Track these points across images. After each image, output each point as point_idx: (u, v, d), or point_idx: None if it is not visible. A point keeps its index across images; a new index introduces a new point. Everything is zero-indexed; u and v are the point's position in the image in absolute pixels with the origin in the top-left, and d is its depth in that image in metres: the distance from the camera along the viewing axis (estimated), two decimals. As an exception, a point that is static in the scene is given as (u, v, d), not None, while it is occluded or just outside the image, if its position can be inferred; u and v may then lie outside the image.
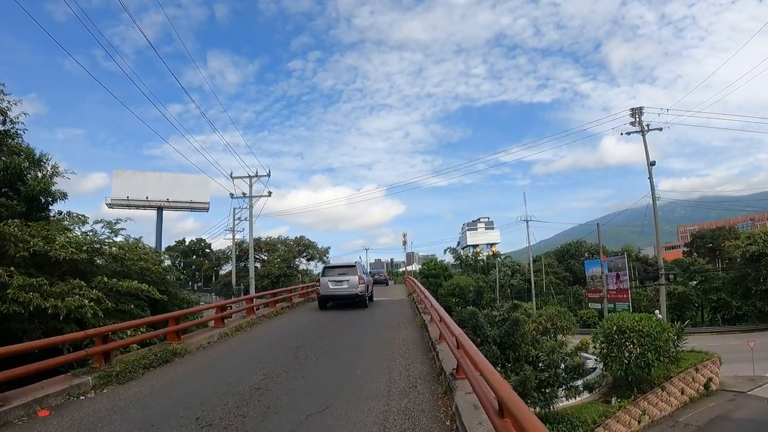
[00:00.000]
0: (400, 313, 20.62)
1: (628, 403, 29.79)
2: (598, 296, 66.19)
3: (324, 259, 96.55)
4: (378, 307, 24.53)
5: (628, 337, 31.32)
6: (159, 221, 76.42)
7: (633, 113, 44.85)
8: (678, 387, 34.39)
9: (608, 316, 34.79)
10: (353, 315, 20.82)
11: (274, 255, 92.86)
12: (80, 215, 20.19)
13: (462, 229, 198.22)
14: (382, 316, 20.19)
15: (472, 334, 19.03)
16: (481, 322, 19.02)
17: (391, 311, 21.72)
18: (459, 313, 20.18)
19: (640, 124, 44.41)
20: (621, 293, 61.56)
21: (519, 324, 19.88)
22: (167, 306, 21.13)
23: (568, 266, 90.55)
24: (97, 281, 15.86)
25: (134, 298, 17.74)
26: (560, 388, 22.70)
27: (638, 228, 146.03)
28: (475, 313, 18.70)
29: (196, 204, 75.93)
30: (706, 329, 60.96)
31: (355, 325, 17.78)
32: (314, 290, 27.88)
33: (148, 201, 74.99)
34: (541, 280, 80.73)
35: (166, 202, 75.58)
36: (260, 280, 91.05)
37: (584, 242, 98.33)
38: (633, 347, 30.84)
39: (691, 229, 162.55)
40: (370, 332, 15.82)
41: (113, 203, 75.55)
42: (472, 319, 18.87)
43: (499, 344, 20.04)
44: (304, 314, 22.61)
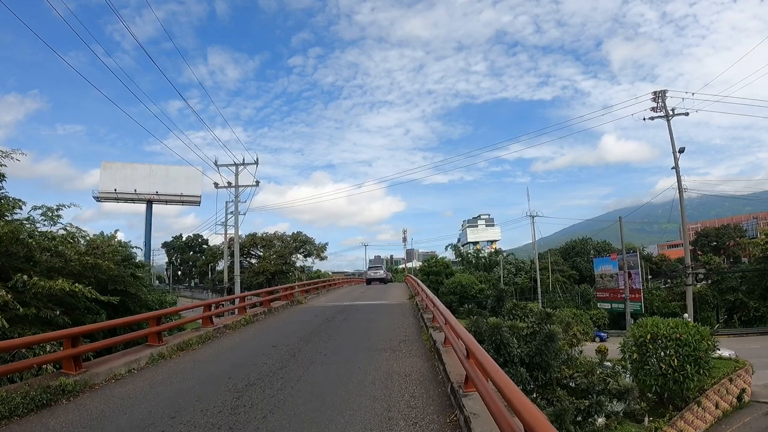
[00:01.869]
0: (399, 324, 15.71)
1: (664, 423, 25.00)
2: (608, 295, 62.14)
3: (321, 256, 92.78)
4: (373, 313, 19.61)
5: (664, 346, 26.85)
6: (148, 215, 71.96)
7: (655, 97, 39.94)
8: (712, 401, 29.61)
9: (639, 320, 29.72)
10: (340, 327, 15.90)
11: (270, 251, 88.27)
12: (15, 199, 15.69)
13: (462, 226, 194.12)
14: (377, 329, 15.23)
15: (494, 352, 14.28)
16: (506, 337, 14.21)
17: (388, 321, 16.77)
18: (474, 323, 15.30)
19: (664, 108, 39.52)
20: (633, 292, 57.59)
21: (554, 340, 15.06)
22: (135, 309, 18.62)
23: (574, 264, 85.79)
24: (15, 280, 12.37)
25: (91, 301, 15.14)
26: (601, 416, 17.97)
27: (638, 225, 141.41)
28: (497, 327, 13.85)
29: (187, 197, 71.29)
30: (724, 332, 55.97)
31: (341, 346, 12.79)
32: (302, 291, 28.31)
33: (136, 194, 70.54)
34: (547, 279, 75.86)
35: (156, 195, 71.03)
36: (255, 276, 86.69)
37: (590, 239, 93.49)
38: (670, 358, 26.37)
39: (694, 227, 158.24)
40: (357, 359, 10.84)
41: (101, 196, 71.14)
42: (494, 334, 14.06)
43: (527, 364, 15.31)
44: (277, 324, 17.70)
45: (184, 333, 14.76)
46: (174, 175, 70.12)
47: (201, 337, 14.30)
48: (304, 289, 28.57)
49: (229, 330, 16.10)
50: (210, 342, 14.14)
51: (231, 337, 14.84)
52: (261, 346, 12.87)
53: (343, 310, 20.73)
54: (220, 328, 15.79)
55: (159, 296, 33.70)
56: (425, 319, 15.06)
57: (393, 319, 17.22)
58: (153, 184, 71.43)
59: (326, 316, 18.40)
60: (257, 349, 12.51)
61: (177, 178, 69.82)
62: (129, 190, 70.45)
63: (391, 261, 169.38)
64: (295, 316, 19.44)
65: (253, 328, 16.60)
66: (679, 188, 38.58)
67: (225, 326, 16.18)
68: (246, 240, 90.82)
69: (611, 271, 62.60)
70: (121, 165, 74.63)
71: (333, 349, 11.97)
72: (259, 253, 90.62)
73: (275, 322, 17.97)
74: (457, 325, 8.86)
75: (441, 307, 11.66)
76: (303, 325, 16.62)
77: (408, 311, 19.47)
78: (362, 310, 20.59)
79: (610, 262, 63.88)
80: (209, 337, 14.63)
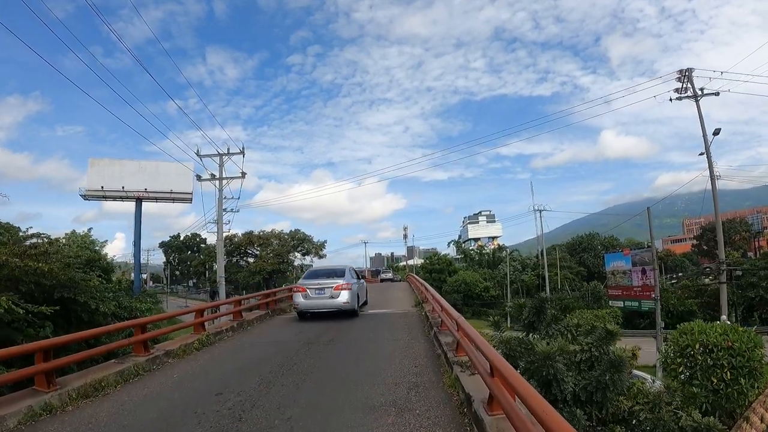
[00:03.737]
0: (406, 351, 11.00)
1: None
2: (621, 293, 57.53)
3: (320, 254, 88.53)
4: (371, 328, 14.93)
5: (717, 357, 22.32)
6: (138, 213, 66.89)
7: (681, 76, 35.27)
8: (758, 414, 24.94)
9: (682, 326, 24.73)
10: (324, 355, 11.26)
11: (268, 250, 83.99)
12: None
13: (463, 223, 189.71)
14: (373, 360, 10.35)
15: (542, 390, 9.81)
16: (561, 371, 9.71)
17: (390, 345, 11.95)
18: (506, 343, 10.64)
19: (692, 88, 34.84)
20: (647, 290, 53.00)
21: (621, 369, 10.46)
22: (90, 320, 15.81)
23: (581, 260, 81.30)
24: None
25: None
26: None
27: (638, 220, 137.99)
28: (550, 357, 9.40)
29: (178, 194, 66.23)
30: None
31: (318, 397, 8.12)
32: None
33: (124, 191, 65.69)
34: (555, 275, 71.26)
35: (145, 192, 66.10)
36: (251, 276, 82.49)
37: (597, 235, 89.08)
38: (722, 371, 21.86)
39: (698, 222, 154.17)
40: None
41: (88, 195, 66.19)
42: (545, 368, 9.58)
43: (582, 401, 10.85)
44: (241, 348, 13.02)
45: (100, 368, 10.16)
46: (164, 171, 65.32)
47: (122, 374, 9.73)
48: (291, 294, 23.93)
49: (171, 359, 11.48)
50: (132, 382, 9.53)
51: (165, 374, 10.20)
52: (197, 397, 8.22)
53: (331, 324, 16.10)
54: (158, 357, 11.18)
55: (130, 303, 29.10)
56: (442, 345, 10.47)
57: (396, 340, 12.55)
58: (142, 180, 66.68)
59: (309, 335, 13.73)
60: (188, 404, 7.86)
61: (167, 175, 65.01)
62: (117, 188, 65.72)
63: (392, 258, 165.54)
64: (268, 335, 14.78)
65: (205, 355, 11.95)
66: (711, 176, 34.03)
67: (167, 353, 11.56)
68: (242, 238, 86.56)
69: (624, 267, 58.12)
70: (108, 161, 69.93)
71: (304, 406, 7.31)
72: (256, 252, 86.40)
73: (239, 344, 13.28)
74: (520, 380, 4.36)
75: (476, 337, 7.11)
76: (275, 350, 11.94)
77: (416, 326, 14.83)
78: (357, 324, 15.90)
79: (622, 258, 59.35)
80: (137, 372, 10.05)
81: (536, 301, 12.32)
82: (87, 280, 17.41)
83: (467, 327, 7.99)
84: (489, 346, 6.19)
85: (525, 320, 12.53)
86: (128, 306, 28.65)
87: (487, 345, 6.26)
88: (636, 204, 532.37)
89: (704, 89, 34.83)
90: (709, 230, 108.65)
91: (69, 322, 16.73)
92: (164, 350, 11.73)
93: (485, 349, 6.11)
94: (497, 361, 5.60)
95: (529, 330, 12.37)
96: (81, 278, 16.57)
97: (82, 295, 16.08)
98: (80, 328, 14.84)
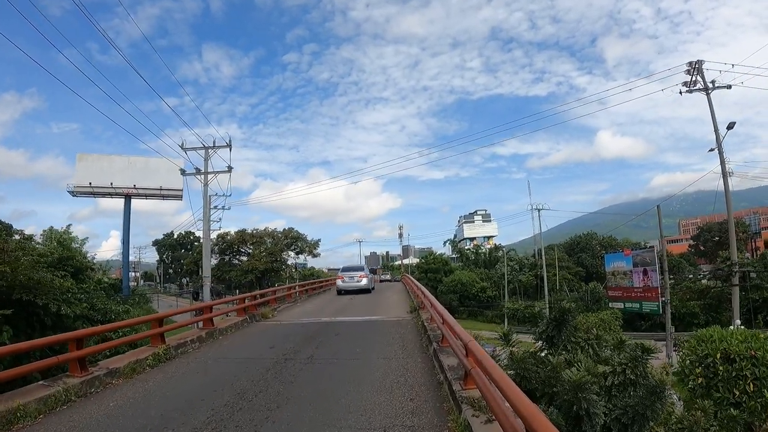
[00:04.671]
0: (400, 376, 8.70)
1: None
2: (621, 294, 55.57)
3: (314, 252, 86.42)
4: (358, 342, 12.40)
5: (739, 368, 20.25)
6: (126, 210, 64.66)
7: (691, 68, 33.22)
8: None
9: (699, 333, 22.56)
10: (298, 381, 9.05)
11: (261, 248, 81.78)
12: None
13: (459, 222, 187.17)
14: (358, 389, 8.21)
15: (565, 421, 7.71)
16: (594, 401, 7.62)
17: (381, 367, 9.37)
18: (519, 363, 8.55)
19: (703, 80, 32.79)
20: (649, 291, 50.99)
21: (661, 396, 8.37)
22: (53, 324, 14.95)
23: (579, 260, 79.29)
24: None
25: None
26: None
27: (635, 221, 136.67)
28: (582, 388, 7.37)
29: (168, 191, 64.01)
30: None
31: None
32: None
33: (113, 187, 63.40)
34: (553, 276, 69.18)
35: (134, 189, 63.81)
36: (244, 275, 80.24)
37: (595, 234, 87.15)
38: (745, 382, 19.79)
39: (693, 222, 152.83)
40: None
41: (76, 191, 63.91)
42: (576, 401, 7.52)
43: None
44: (203, 366, 10.82)
45: (22, 392, 8.02)
46: (153, 167, 62.96)
47: (46, 401, 7.71)
48: (274, 297, 21.78)
49: (116, 380, 9.35)
50: (57, 412, 7.48)
51: (100, 402, 8.07)
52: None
53: (315, 334, 13.86)
54: (99, 378, 9.07)
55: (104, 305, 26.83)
56: (444, 368, 8.34)
57: (388, 358, 10.34)
58: (131, 177, 64.43)
59: (286, 350, 11.56)
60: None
61: (157, 171, 62.66)
62: (106, 184, 63.48)
63: (387, 257, 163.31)
64: (239, 348, 12.52)
65: (158, 375, 9.81)
66: (723, 172, 31.91)
67: (110, 372, 9.44)
68: (235, 237, 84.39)
69: (624, 267, 56.18)
70: (97, 157, 67.68)
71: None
72: (249, 251, 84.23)
73: (201, 361, 11.08)
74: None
75: (499, 376, 5.00)
76: (241, 370, 9.78)
77: (411, 338, 12.62)
78: (343, 334, 13.66)
79: (623, 258, 57.39)
80: (66, 398, 7.99)
81: (557, 312, 10.17)
82: (50, 281, 15.57)
83: (482, 355, 5.84)
84: (524, 398, 4.06)
85: (543, 334, 10.41)
86: (102, 308, 26.40)
87: (521, 396, 4.12)
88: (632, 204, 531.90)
89: (715, 82, 32.83)
90: (707, 231, 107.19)
91: (32, 327, 14.98)
92: (107, 368, 9.61)
93: (519, 404, 3.99)
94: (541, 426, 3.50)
95: (549, 344, 10.32)
96: (42, 278, 14.88)
97: (43, 296, 14.57)
98: (44, 334, 13.33)
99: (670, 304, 35.75)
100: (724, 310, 56.04)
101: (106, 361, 10.48)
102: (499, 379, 4.82)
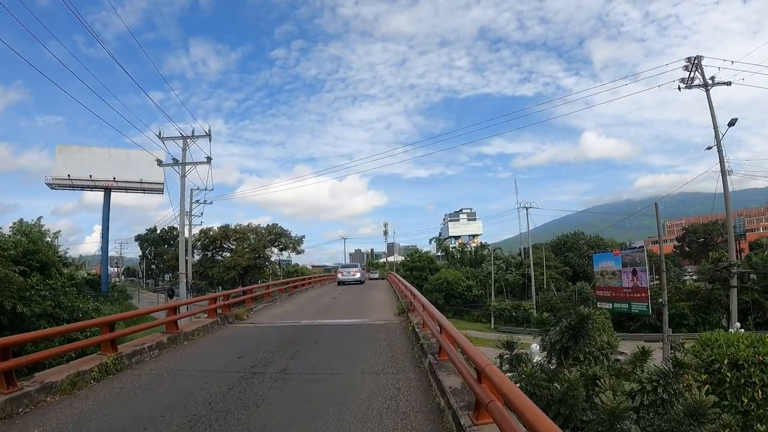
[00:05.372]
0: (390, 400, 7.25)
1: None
2: (610, 294, 54.65)
3: (298, 249, 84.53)
4: (339, 353, 10.31)
5: (747, 374, 18.91)
6: (106, 204, 62.37)
7: (689, 64, 31.96)
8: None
9: (704, 336, 21.04)
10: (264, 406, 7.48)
11: (244, 244, 79.76)
12: None
13: (444, 220, 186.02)
14: (338, 424, 6.59)
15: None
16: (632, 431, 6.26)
17: (366, 386, 7.80)
18: (529, 378, 7.15)
19: (702, 76, 31.59)
20: (638, 292, 50.06)
21: (701, 417, 7.02)
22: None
23: (566, 259, 78.19)
24: None
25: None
26: None
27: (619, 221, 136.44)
28: (619, 416, 6.06)
29: (149, 184, 61.84)
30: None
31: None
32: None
33: (92, 180, 61.13)
34: (541, 275, 67.97)
35: (114, 182, 61.56)
36: (226, 271, 78.16)
37: (582, 234, 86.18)
38: (755, 391, 18.44)
39: (678, 223, 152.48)
40: None
41: (54, 183, 61.54)
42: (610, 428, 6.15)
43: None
44: (153, 383, 9.03)
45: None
46: (135, 159, 60.70)
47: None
48: (250, 296, 20.02)
49: (51, 397, 7.70)
50: None
51: (22, 428, 6.42)
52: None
53: (291, 340, 12.14)
54: (28, 395, 7.41)
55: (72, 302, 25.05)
56: (446, 391, 6.72)
57: (375, 374, 8.56)
58: (111, 169, 62.18)
59: (256, 360, 9.88)
60: None
61: (138, 163, 60.39)
62: (85, 176, 61.19)
63: (372, 255, 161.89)
64: (202, 357, 10.79)
65: (101, 392, 8.12)
66: (723, 170, 30.75)
67: (44, 387, 7.77)
68: (218, 232, 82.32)
69: (613, 267, 55.30)
70: (77, 148, 65.28)
71: None
72: (232, 247, 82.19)
73: (156, 374, 9.30)
74: None
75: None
76: (198, 387, 8.11)
77: (401, 347, 10.91)
78: (323, 341, 11.97)
79: (612, 258, 56.46)
80: None
81: (575, 318, 8.63)
82: (5, 276, 13.88)
83: (509, 388, 4.23)
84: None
85: (557, 345, 8.86)
86: (69, 306, 24.46)
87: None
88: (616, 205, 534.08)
89: (714, 77, 31.63)
90: (691, 232, 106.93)
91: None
92: (42, 383, 7.94)
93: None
94: None
95: (563, 357, 8.81)
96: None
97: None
98: (2, 334, 11.57)
99: (666, 305, 34.35)
100: (714, 311, 55.22)
101: (43, 374, 8.79)
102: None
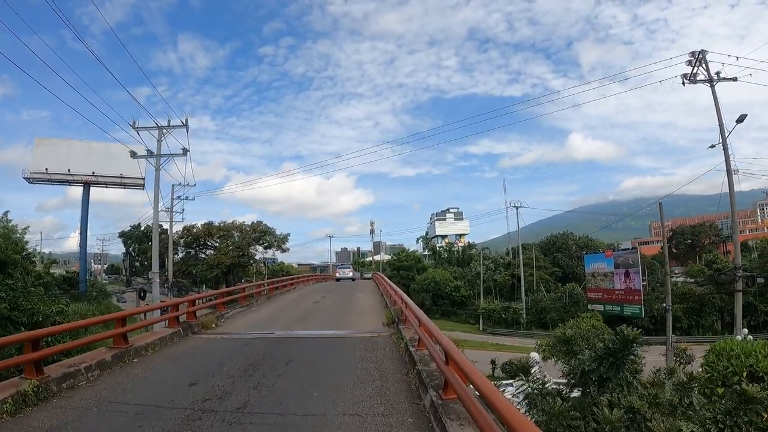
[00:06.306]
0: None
1: None
2: (602, 296, 53.35)
3: (283, 247, 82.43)
4: (314, 382, 8.32)
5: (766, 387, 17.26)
6: (85, 199, 59.93)
7: (694, 59, 30.29)
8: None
9: (719, 344, 19.15)
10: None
11: (228, 242, 77.51)
12: None
13: (430, 219, 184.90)
14: None
15: None
16: None
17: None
18: (569, 425, 5.62)
19: (707, 72, 29.94)
20: (631, 294, 48.73)
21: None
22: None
23: (555, 260, 76.79)
24: None
25: None
26: None
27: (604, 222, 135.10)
28: None
29: (129, 179, 59.26)
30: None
31: None
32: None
33: (71, 174, 58.68)
34: (530, 275, 66.41)
35: (93, 176, 59.13)
36: (209, 270, 75.86)
37: (571, 234, 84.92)
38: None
39: (666, 225, 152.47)
40: None
41: (32, 177, 58.92)
42: None
43: None
44: (78, 418, 7.10)
45: None
46: (115, 153, 57.92)
47: None
48: (222, 300, 17.96)
49: None
50: None
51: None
52: None
53: (259, 360, 9.87)
54: None
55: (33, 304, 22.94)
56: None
57: (360, 416, 6.13)
58: (91, 163, 59.76)
59: (210, 390, 7.70)
60: None
61: (118, 158, 57.59)
62: (63, 170, 58.80)
63: (358, 253, 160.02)
64: (146, 386, 8.36)
65: None
66: (728, 169, 29.04)
67: None
68: (201, 230, 79.96)
69: (605, 269, 53.98)
70: (56, 141, 62.84)
71: None
72: (216, 244, 79.89)
73: (84, 408, 6.99)
74: None
75: None
76: (131, 430, 6.14)
77: (394, 376, 8.49)
78: (296, 362, 9.71)
79: (604, 259, 55.12)
80: None
81: (619, 342, 6.73)
82: None
83: None
84: None
85: (593, 374, 6.98)
86: (29, 309, 22.33)
87: None
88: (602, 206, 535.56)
89: (719, 73, 30.02)
90: (679, 233, 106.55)
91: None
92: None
93: None
94: None
95: (601, 387, 6.98)
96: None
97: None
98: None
99: (671, 311, 32.67)
100: (707, 314, 54.25)
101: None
102: None
